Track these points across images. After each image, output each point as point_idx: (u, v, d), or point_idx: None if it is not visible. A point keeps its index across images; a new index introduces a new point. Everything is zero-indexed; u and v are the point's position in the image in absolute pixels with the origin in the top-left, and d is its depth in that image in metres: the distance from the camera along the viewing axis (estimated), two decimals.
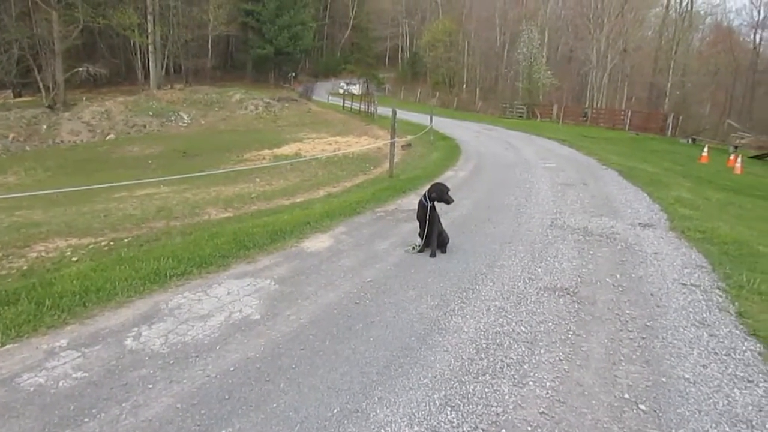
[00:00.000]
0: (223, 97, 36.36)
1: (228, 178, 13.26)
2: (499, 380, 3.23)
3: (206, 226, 7.03)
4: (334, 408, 2.88)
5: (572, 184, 10.89)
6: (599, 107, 41.84)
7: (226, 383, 3.08)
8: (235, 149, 20.91)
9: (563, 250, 6.07)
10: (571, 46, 51.35)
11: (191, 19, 48.22)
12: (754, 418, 2.98)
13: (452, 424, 2.79)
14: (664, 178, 12.89)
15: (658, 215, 8.25)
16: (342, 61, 72.16)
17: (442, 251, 5.75)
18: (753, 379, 3.39)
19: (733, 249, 6.44)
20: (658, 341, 3.86)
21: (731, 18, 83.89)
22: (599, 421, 2.89)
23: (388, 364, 3.37)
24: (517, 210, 8.15)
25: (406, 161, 14.92)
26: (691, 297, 4.80)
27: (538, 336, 3.86)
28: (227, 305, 4.15)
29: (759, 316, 4.41)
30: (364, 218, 7.36)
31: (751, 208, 10.65)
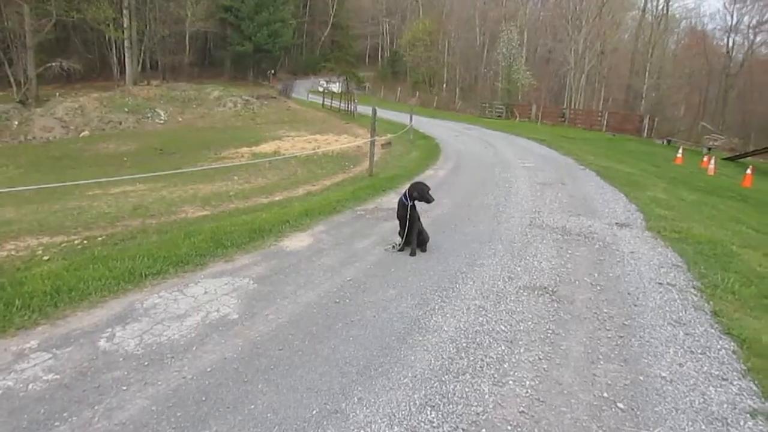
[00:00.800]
0: (201, 94, 35.90)
1: (206, 175, 13.08)
2: (479, 379, 3.23)
3: (183, 224, 6.91)
4: (313, 409, 2.84)
5: (551, 183, 10.97)
6: (577, 108, 42.32)
7: (202, 384, 3.02)
8: (213, 147, 20.66)
9: (542, 250, 6.11)
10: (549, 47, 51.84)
11: (168, 15, 47.52)
12: (729, 415, 3.02)
13: (432, 424, 2.77)
14: (640, 178, 13.07)
15: (635, 215, 8.35)
16: (322, 59, 71.84)
17: (422, 250, 5.74)
18: (727, 377, 3.44)
19: (708, 249, 6.55)
20: (636, 340, 3.90)
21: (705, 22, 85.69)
22: (578, 419, 2.90)
23: (367, 363, 3.34)
24: (497, 209, 8.18)
25: (386, 160, 14.88)
26: (668, 296, 4.86)
27: (518, 335, 3.87)
28: (204, 305, 4.08)
29: (733, 315, 4.49)
30: (343, 217, 7.31)
31: (724, 208, 10.85)
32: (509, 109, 41.82)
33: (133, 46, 41.28)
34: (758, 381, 3.43)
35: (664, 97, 44.16)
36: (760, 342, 3.99)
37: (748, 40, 47.59)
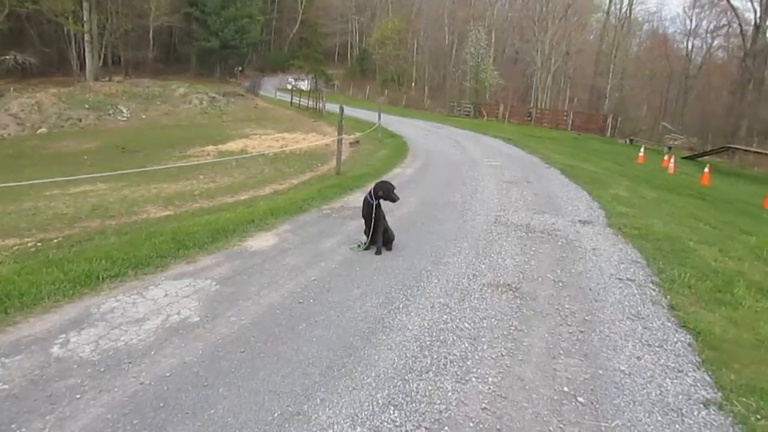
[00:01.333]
0: (166, 90, 35.19)
1: (170, 174, 12.84)
2: (443, 377, 3.24)
3: (144, 225, 6.76)
4: (274, 412, 2.80)
5: (516, 182, 11.10)
6: (543, 107, 43.04)
7: (161, 390, 2.94)
8: (177, 145, 20.29)
9: (506, 247, 6.17)
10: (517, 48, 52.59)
11: (131, 8, 46.34)
12: (684, 406, 3.10)
13: (395, 423, 2.77)
14: (603, 176, 13.35)
15: (597, 212, 8.51)
16: (290, 57, 71.22)
17: (388, 249, 5.74)
18: (683, 369, 3.53)
19: (666, 245, 6.72)
20: (596, 335, 3.97)
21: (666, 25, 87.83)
22: (539, 414, 2.93)
23: (331, 364, 3.31)
24: (463, 207, 8.23)
25: (354, 158, 14.85)
26: (627, 291, 4.97)
27: (482, 332, 3.89)
28: (164, 308, 3.98)
29: (689, 309, 4.62)
30: (310, 216, 7.26)
31: (683, 205, 11.15)
32: (477, 108, 42.21)
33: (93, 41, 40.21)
34: (711, 372, 3.53)
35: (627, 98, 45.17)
36: (713, 334, 4.11)
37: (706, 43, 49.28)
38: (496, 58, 50.04)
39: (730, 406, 3.13)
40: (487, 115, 40.35)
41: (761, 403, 3.19)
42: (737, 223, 10.29)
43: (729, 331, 4.26)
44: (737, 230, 9.36)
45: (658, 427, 2.88)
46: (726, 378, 3.46)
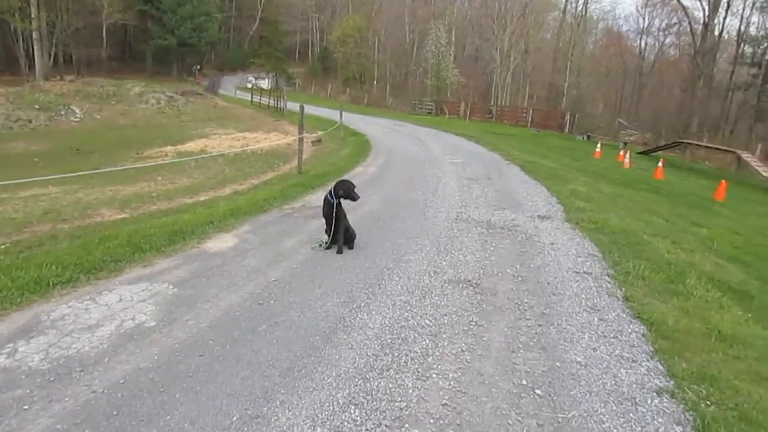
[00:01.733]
0: (121, 89, 34.21)
1: (126, 176, 12.50)
2: (403, 375, 3.24)
3: (98, 228, 6.55)
4: (233, 415, 2.75)
5: (477, 178, 11.23)
6: (503, 105, 43.60)
7: (114, 398, 2.86)
8: (134, 146, 19.76)
9: (467, 243, 6.23)
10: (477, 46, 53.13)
11: (82, 5, 44.73)
12: (638, 395, 3.19)
13: (356, 422, 2.76)
14: (561, 172, 13.62)
15: (556, 208, 8.68)
16: (250, 55, 70.29)
17: (350, 247, 5.72)
18: (637, 359, 3.63)
19: (622, 238, 6.91)
20: (554, 327, 4.05)
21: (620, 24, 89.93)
22: (498, 408, 2.97)
23: (291, 365, 3.28)
24: (425, 205, 8.28)
25: (316, 157, 14.76)
26: (584, 284, 5.08)
27: (442, 328, 3.92)
28: (118, 313, 3.87)
29: (643, 300, 4.75)
30: (270, 216, 7.17)
31: (638, 200, 11.48)
32: (439, 106, 42.50)
33: (42, 38, 38.77)
34: (664, 361, 3.64)
35: (584, 95, 46.24)
36: (666, 324, 4.24)
37: (658, 41, 50.84)
38: (456, 57, 50.49)
39: (682, 394, 3.23)
40: (448, 112, 40.67)
41: (711, 389, 3.31)
42: (689, 215, 10.66)
43: (681, 320, 4.40)
44: (689, 223, 9.71)
45: (613, 416, 2.96)
46: (678, 366, 3.57)
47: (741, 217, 12.48)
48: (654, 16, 50.16)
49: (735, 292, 5.70)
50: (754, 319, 4.95)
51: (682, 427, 2.92)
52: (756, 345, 4.17)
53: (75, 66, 45.83)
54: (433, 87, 47.19)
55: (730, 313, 4.90)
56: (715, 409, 3.10)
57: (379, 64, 58.30)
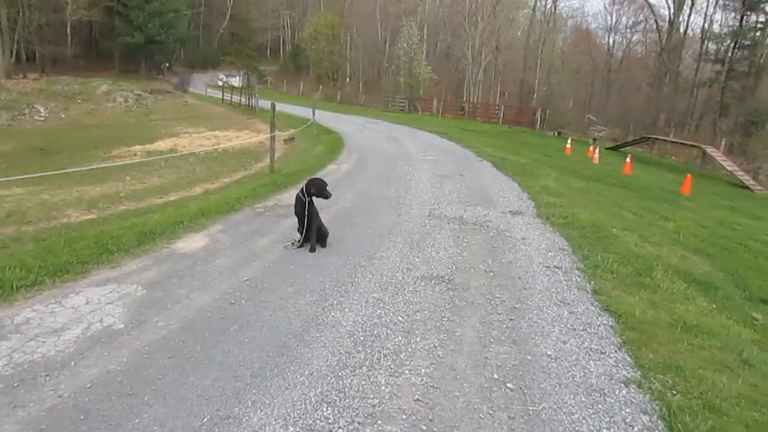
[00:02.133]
0: (88, 88, 33.41)
1: (94, 176, 12.23)
2: (376, 372, 3.25)
3: (64, 230, 6.41)
4: (204, 417, 2.73)
5: (450, 175, 11.29)
6: (476, 102, 43.90)
7: (81, 402, 2.80)
8: (102, 145, 19.33)
9: (440, 240, 6.27)
10: (448, 43, 53.40)
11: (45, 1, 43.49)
12: (606, 386, 3.25)
13: (328, 420, 2.76)
14: (533, 168, 13.79)
15: (527, 203, 8.79)
16: (221, 52, 69.41)
17: (322, 246, 5.71)
18: (605, 351, 3.71)
19: (591, 232, 7.03)
20: (525, 321, 4.10)
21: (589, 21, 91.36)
22: (470, 402, 3.00)
23: (263, 365, 3.26)
24: (398, 202, 8.30)
25: (289, 155, 14.66)
26: (554, 278, 5.16)
27: (415, 324, 3.94)
28: (86, 316, 3.79)
29: (611, 293, 4.85)
30: (242, 215, 7.11)
31: (607, 194, 11.70)
32: (412, 103, 42.58)
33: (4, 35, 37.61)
34: (632, 352, 3.72)
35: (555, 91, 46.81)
36: (634, 316, 4.34)
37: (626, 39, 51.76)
38: (428, 54, 50.64)
39: (649, 384, 3.31)
40: (421, 109, 40.79)
41: (677, 379, 3.40)
42: (656, 209, 10.89)
43: (648, 312, 4.50)
44: (656, 216, 9.92)
45: (582, 407, 3.01)
46: (645, 357, 3.66)
47: (706, 210, 12.80)
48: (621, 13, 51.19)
49: (700, 283, 5.87)
50: (718, 309, 5.10)
51: (649, 416, 2.99)
52: (720, 335, 4.30)
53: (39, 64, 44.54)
54: (405, 84, 47.29)
55: (695, 304, 5.04)
56: (680, 398, 3.18)
57: (352, 61, 58.15)
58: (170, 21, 53.04)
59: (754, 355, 4.07)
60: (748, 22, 37.45)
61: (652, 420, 2.96)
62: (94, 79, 36.22)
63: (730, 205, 14.95)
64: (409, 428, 2.74)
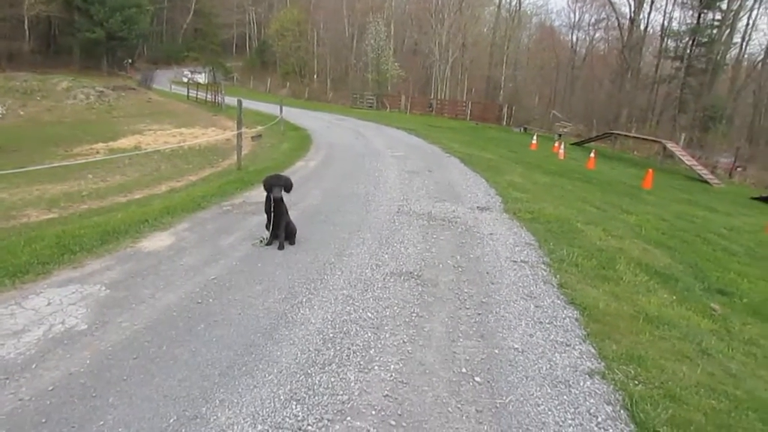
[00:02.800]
0: (47, 84, 32.35)
1: (54, 174, 11.89)
2: (346, 368, 3.26)
3: (24, 230, 6.24)
4: (170, 417, 2.69)
5: (418, 171, 11.34)
6: (443, 98, 44.21)
7: (43, 405, 2.73)
8: (62, 143, 18.80)
9: (409, 236, 6.30)
10: (416, 40, 53.52)
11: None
12: (571, 378, 3.33)
13: (297, 418, 2.75)
14: (500, 164, 13.96)
15: (494, 199, 8.90)
16: (185, 48, 68.16)
17: (291, 243, 5.67)
18: (570, 343, 3.79)
19: (557, 227, 7.17)
20: (492, 316, 4.16)
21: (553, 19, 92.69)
22: (439, 396, 3.03)
23: (231, 364, 3.23)
24: (366, 198, 8.30)
25: (256, 153, 14.51)
26: (521, 272, 5.24)
27: (384, 321, 3.95)
28: (47, 317, 3.69)
29: (576, 286, 4.95)
30: (209, 213, 7.01)
31: (572, 189, 11.92)
32: (380, 99, 42.61)
33: None
34: (596, 344, 3.81)
35: (520, 88, 47.38)
36: (598, 309, 4.45)
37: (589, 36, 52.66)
38: (396, 50, 50.69)
39: (612, 375, 3.40)
40: (389, 106, 40.85)
41: (638, 369, 3.50)
42: (619, 203, 11.16)
43: (611, 304, 4.63)
44: (619, 210, 10.16)
45: (548, 399, 3.08)
46: (608, 348, 3.76)
47: (666, 203, 13.17)
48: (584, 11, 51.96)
49: (661, 275, 6.04)
50: (678, 300, 5.26)
51: (612, 406, 3.07)
52: (680, 325, 4.44)
53: None
54: (373, 81, 47.25)
55: (656, 296, 5.19)
56: (642, 387, 3.28)
57: (319, 57, 57.77)
58: (132, 16, 51.77)
59: (712, 344, 4.22)
60: (706, 20, 38.58)
61: (615, 410, 3.04)
62: (53, 76, 35.09)
63: (688, 198, 15.42)
64: (379, 424, 2.76)
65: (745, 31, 40.26)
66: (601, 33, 51.20)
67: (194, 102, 34.49)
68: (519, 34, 51.66)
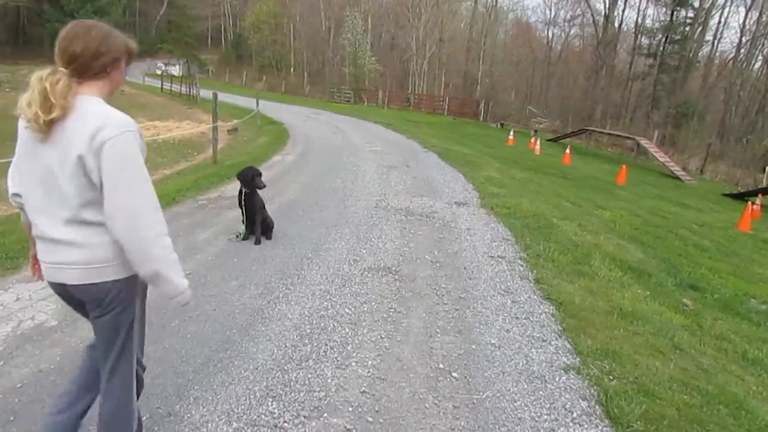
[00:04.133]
0: (16, 76, 31.55)
1: None
2: (323, 364, 3.23)
3: None
4: (142, 415, 2.62)
5: (396, 166, 11.34)
6: (421, 93, 44.25)
7: (11, 403, 2.65)
8: None
9: (387, 231, 6.29)
10: (393, 34, 53.32)
11: None
12: (547, 373, 3.35)
13: (273, 414, 2.72)
14: (477, 159, 14.02)
15: (472, 194, 8.94)
16: (158, 40, 66.78)
17: (268, 238, 5.61)
18: (546, 338, 3.82)
19: (533, 222, 7.23)
20: (470, 311, 4.17)
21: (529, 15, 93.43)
22: (416, 392, 3.02)
23: (206, 360, 3.18)
24: (344, 193, 8.26)
25: (232, 146, 14.36)
26: (498, 268, 5.27)
27: (362, 316, 3.94)
28: (15, 313, 3.59)
29: (552, 281, 5.00)
30: (183, 207, 6.90)
31: (548, 184, 12.04)
32: (357, 94, 42.49)
33: None
34: (571, 339, 3.85)
35: (497, 83, 47.63)
36: (573, 304, 4.49)
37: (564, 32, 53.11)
38: (373, 45, 50.53)
39: (587, 370, 3.43)
40: (367, 100, 40.78)
41: (613, 364, 3.54)
42: (594, 199, 11.31)
43: (587, 299, 4.67)
44: (594, 206, 10.30)
45: (524, 394, 3.09)
46: (583, 344, 3.79)
47: (639, 199, 13.40)
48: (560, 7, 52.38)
49: (635, 270, 6.13)
50: (652, 296, 5.35)
51: (587, 401, 3.10)
52: (653, 320, 4.51)
53: None
54: (351, 75, 47.07)
55: (630, 291, 5.27)
56: (616, 383, 3.31)
57: (296, 51, 57.29)
58: (103, 7, 50.58)
59: (684, 339, 4.30)
60: (678, 18, 39.20)
61: (590, 405, 3.06)
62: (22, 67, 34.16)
63: (661, 194, 15.71)
64: (356, 420, 2.74)
65: (716, 29, 41.03)
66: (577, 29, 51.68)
67: (168, 95, 33.95)
68: (496, 30, 51.94)
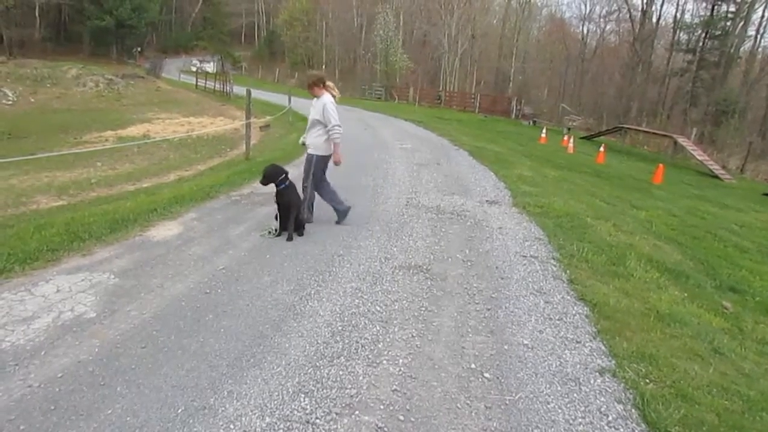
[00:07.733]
0: (57, 72, 32.43)
1: (64, 162, 11.95)
2: (354, 362, 3.24)
3: (33, 216, 6.26)
4: (178, 408, 2.68)
5: (427, 164, 11.29)
6: (452, 90, 43.99)
7: (52, 392, 2.74)
8: (72, 130, 18.89)
9: (417, 229, 6.27)
10: (425, 31, 53.10)
11: None
12: (581, 375, 3.29)
13: (305, 411, 2.74)
14: (508, 157, 13.86)
15: (503, 192, 8.84)
16: (194, 37, 68.00)
17: (299, 234, 5.65)
18: (581, 340, 3.75)
19: (566, 221, 7.10)
20: (502, 311, 4.13)
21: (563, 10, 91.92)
22: (448, 392, 3.01)
23: (239, 355, 3.22)
24: (375, 190, 8.27)
25: (265, 143, 14.50)
26: (531, 268, 5.20)
27: (393, 314, 3.93)
28: (56, 304, 3.70)
29: (586, 282, 4.90)
30: (217, 203, 7.00)
31: (581, 183, 11.83)
32: (388, 91, 42.45)
33: None
34: (606, 341, 3.77)
35: (530, 80, 47.09)
36: (608, 305, 4.40)
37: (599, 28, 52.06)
38: (405, 41, 50.41)
39: (623, 373, 3.36)
40: (398, 97, 40.70)
41: (650, 368, 3.45)
42: (629, 198, 11.06)
43: (621, 301, 4.58)
44: (629, 205, 10.07)
45: (558, 397, 3.05)
46: (619, 346, 3.71)
47: (676, 199, 13.05)
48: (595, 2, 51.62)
49: (672, 272, 5.97)
50: (690, 298, 5.21)
51: (623, 405, 3.04)
52: (691, 323, 4.39)
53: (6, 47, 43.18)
54: (382, 72, 47.07)
55: (667, 292, 5.14)
56: (653, 386, 3.24)
57: (328, 48, 57.57)
58: (141, 4, 51.86)
59: (724, 343, 4.17)
60: (719, 12, 37.97)
61: (626, 409, 3.00)
62: (63, 63, 35.21)
63: (699, 194, 15.27)
64: (387, 418, 2.74)
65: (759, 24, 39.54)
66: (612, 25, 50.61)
67: (203, 91, 34.50)
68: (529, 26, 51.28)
